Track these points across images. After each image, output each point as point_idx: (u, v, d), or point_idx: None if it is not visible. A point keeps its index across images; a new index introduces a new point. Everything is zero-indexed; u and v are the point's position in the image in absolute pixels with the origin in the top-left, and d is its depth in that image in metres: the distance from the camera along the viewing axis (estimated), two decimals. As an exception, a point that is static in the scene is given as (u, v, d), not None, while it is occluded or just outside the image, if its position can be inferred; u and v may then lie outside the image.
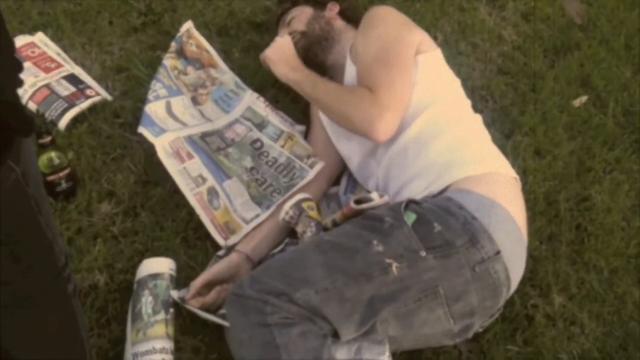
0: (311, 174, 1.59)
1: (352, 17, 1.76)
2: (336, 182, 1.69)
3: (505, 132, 1.84)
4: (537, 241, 1.63)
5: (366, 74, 1.49)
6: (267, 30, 1.91)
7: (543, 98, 1.94)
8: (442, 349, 1.44)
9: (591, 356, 1.50)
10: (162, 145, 1.51)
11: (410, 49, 1.53)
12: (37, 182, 0.94)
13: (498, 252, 1.27)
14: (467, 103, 1.58)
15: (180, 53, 1.78)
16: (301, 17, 1.76)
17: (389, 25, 1.57)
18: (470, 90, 1.83)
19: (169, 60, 1.74)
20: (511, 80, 1.99)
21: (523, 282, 1.53)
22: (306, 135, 1.73)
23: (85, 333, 1.14)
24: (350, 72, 1.59)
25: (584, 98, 1.97)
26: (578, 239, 1.67)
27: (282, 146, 1.66)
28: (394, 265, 1.23)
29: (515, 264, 1.33)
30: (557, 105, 1.93)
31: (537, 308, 1.54)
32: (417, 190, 1.41)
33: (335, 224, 1.39)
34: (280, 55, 1.63)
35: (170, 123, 1.58)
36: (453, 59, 1.94)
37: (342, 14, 1.78)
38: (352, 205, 1.35)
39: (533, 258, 1.60)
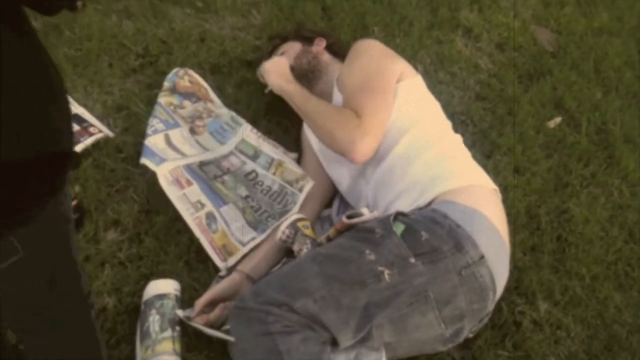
0: (302, 196, 1.69)
1: (338, 52, 1.89)
2: (329, 204, 1.79)
3: (486, 152, 1.95)
4: (520, 252, 1.72)
5: (351, 102, 1.60)
6: (257, 66, 2.02)
7: (519, 120, 2.06)
8: (436, 356, 1.51)
9: (578, 358, 1.57)
10: (163, 174, 1.60)
11: (391, 78, 1.64)
12: (71, 210, 1.01)
13: (482, 257, 1.36)
14: (448, 124, 1.70)
15: (174, 90, 1.88)
16: (290, 52, 1.88)
17: (372, 57, 1.69)
18: (451, 116, 1.93)
19: (163, 98, 1.84)
20: (489, 105, 2.11)
21: (509, 291, 1.61)
22: (298, 162, 1.83)
23: (105, 355, 1.20)
24: (337, 100, 1.69)
25: (558, 119, 2.09)
26: (559, 249, 1.76)
27: (274, 174, 1.76)
28: (386, 272, 1.31)
29: (499, 268, 1.42)
30: (533, 126, 2.05)
31: (524, 314, 1.61)
32: (405, 205, 1.50)
33: (329, 240, 1.48)
34: (277, 68, 1.76)
35: (170, 153, 1.68)
36: (433, 88, 2.04)
37: (329, 49, 1.90)
38: (345, 220, 1.43)
39: (518, 269, 1.68)
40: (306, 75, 1.82)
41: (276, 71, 1.76)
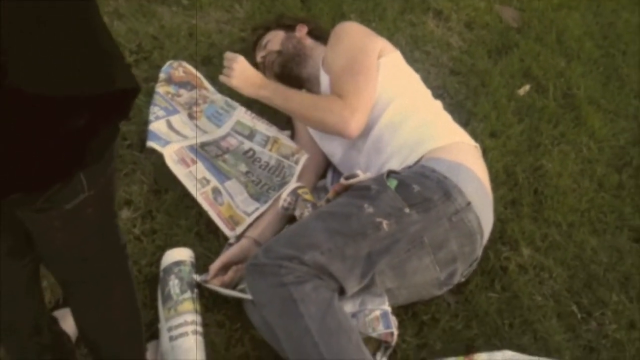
0: (298, 167, 1.83)
1: (320, 35, 2.02)
2: (323, 176, 1.92)
3: (463, 120, 2.09)
4: (502, 207, 1.87)
5: (337, 82, 1.74)
6: (245, 56, 2.15)
7: (492, 90, 2.22)
8: (433, 301, 1.65)
9: (562, 295, 1.73)
10: (169, 154, 1.73)
11: (373, 55, 1.78)
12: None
13: (469, 203, 1.50)
14: (428, 92, 1.85)
15: (170, 81, 2.00)
16: (275, 39, 2.01)
17: (353, 37, 1.82)
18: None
19: (161, 88, 1.96)
20: (462, 79, 2.26)
21: (494, 241, 1.76)
22: (292, 139, 1.96)
23: (140, 306, 1.29)
24: (324, 81, 1.83)
25: (527, 87, 2.26)
26: (537, 201, 1.92)
27: (270, 150, 1.89)
28: (384, 222, 1.45)
29: (484, 214, 1.56)
30: (505, 95, 2.21)
31: (510, 260, 1.76)
32: (395, 165, 1.64)
33: (329, 201, 1.61)
34: (243, 79, 1.75)
35: (173, 136, 1.80)
36: (410, 66, 2.21)
37: (311, 34, 2.04)
38: (342, 181, 1.57)
39: (500, 220, 1.83)
40: (293, 58, 1.94)
41: (245, 83, 1.76)
